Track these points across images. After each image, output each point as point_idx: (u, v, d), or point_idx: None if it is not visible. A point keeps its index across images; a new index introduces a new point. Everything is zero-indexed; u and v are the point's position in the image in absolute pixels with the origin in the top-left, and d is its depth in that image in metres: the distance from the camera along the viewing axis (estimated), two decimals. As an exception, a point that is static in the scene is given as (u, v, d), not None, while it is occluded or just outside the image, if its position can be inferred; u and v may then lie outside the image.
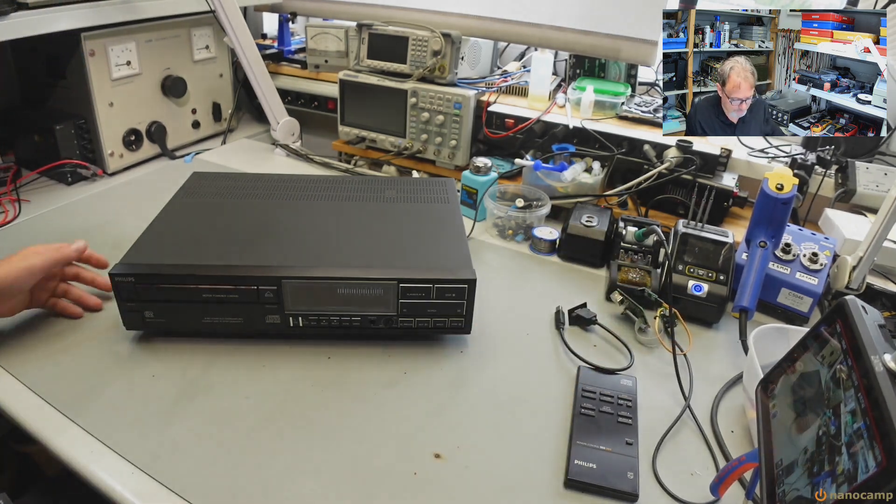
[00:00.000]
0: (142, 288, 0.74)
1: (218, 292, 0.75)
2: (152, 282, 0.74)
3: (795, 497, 0.42)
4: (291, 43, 1.64)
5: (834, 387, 0.43)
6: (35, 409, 0.68)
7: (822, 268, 0.90)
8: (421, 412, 0.71)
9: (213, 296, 0.75)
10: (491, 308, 0.89)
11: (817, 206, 1.10)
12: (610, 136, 1.18)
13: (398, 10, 1.47)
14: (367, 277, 0.76)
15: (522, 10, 1.35)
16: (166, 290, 0.75)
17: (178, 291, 0.75)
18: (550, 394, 0.75)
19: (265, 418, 0.69)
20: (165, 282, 0.74)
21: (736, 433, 0.71)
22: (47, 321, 0.82)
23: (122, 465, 0.62)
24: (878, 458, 0.35)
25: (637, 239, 0.96)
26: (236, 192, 0.96)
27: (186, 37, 1.36)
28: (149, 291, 0.75)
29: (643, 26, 1.23)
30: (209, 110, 1.49)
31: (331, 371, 0.76)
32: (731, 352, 0.85)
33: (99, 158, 1.25)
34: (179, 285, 0.74)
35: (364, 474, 0.63)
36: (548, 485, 0.63)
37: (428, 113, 1.28)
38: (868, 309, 0.44)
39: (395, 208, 0.93)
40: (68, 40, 1.13)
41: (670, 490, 0.63)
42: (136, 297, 0.75)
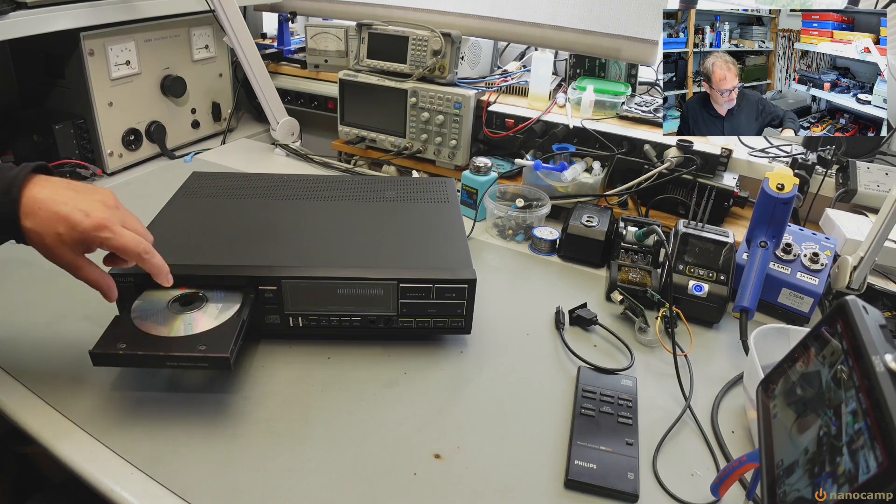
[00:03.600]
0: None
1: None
2: (152, 282, 0.74)
3: (796, 497, 0.42)
4: (291, 42, 1.64)
5: (835, 387, 0.43)
6: (34, 409, 0.68)
7: (823, 268, 0.90)
8: (421, 412, 0.71)
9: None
10: (491, 308, 0.89)
11: (818, 206, 1.10)
12: (610, 135, 1.18)
13: (398, 9, 1.47)
14: (367, 277, 0.75)
15: (522, 9, 1.35)
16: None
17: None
18: (550, 394, 0.75)
19: (265, 418, 0.68)
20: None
21: (736, 433, 0.71)
22: (47, 321, 0.82)
23: (123, 466, 0.62)
24: (879, 458, 0.35)
25: (637, 239, 0.96)
26: (236, 192, 0.96)
27: (186, 36, 1.36)
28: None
29: (643, 26, 1.23)
30: (209, 110, 1.49)
31: (331, 371, 0.76)
32: (731, 352, 0.85)
33: (98, 158, 1.25)
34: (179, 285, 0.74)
35: (364, 474, 0.63)
36: (548, 485, 0.63)
37: (428, 113, 1.28)
38: (869, 309, 0.43)
39: (395, 208, 0.93)
40: (67, 40, 1.13)
41: (671, 490, 0.63)
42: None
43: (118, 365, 0.67)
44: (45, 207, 0.60)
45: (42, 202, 0.60)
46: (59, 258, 0.62)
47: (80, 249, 0.63)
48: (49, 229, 0.60)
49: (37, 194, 0.61)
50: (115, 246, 0.63)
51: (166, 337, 0.67)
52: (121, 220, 0.64)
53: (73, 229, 0.60)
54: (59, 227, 0.60)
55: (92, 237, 0.61)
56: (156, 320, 0.69)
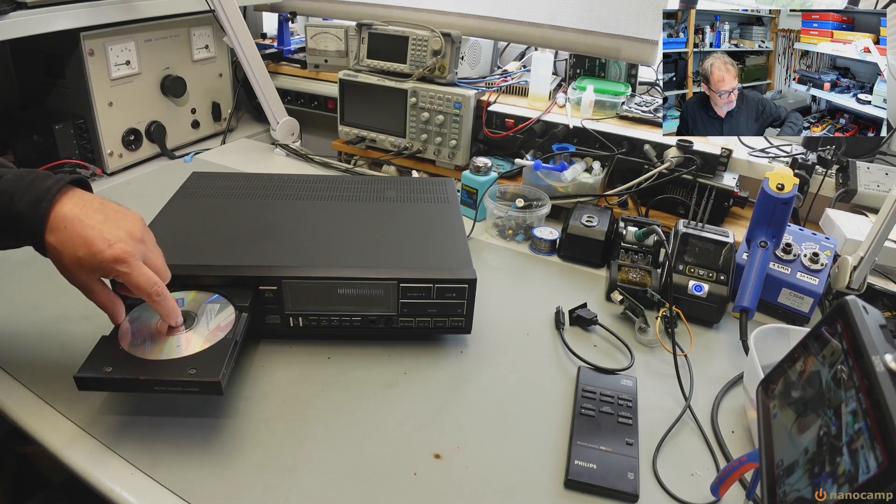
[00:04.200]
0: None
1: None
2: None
3: (796, 497, 0.42)
4: (291, 42, 1.64)
5: (835, 387, 0.43)
6: (34, 409, 0.68)
7: (823, 268, 0.90)
8: (421, 412, 0.71)
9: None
10: (491, 308, 0.89)
11: (818, 206, 1.10)
12: (610, 135, 1.18)
13: (398, 9, 1.47)
14: (367, 277, 0.75)
15: (522, 9, 1.35)
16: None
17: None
18: (550, 394, 0.75)
19: (265, 418, 0.68)
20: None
21: (736, 433, 0.71)
22: (47, 321, 0.82)
23: (123, 466, 0.62)
24: (879, 458, 0.35)
25: (637, 239, 0.96)
26: (236, 192, 0.96)
27: (186, 36, 1.36)
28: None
29: (643, 26, 1.23)
30: (209, 110, 1.49)
31: (331, 371, 0.76)
32: (731, 352, 0.85)
33: (98, 158, 1.25)
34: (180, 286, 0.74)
35: (364, 474, 0.63)
36: (548, 485, 0.63)
37: (428, 113, 1.28)
38: (869, 309, 0.43)
39: (395, 208, 0.93)
40: (67, 40, 1.13)
41: (671, 490, 0.63)
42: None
43: (104, 390, 0.64)
44: (71, 227, 0.59)
45: (69, 221, 0.60)
46: (74, 279, 0.62)
47: (96, 275, 0.62)
48: (70, 250, 0.59)
49: (66, 212, 0.60)
50: (130, 282, 0.62)
51: (155, 360, 0.63)
52: (143, 255, 0.63)
53: (93, 257, 0.59)
54: (80, 251, 0.59)
55: (109, 268, 0.60)
56: (145, 341, 0.66)
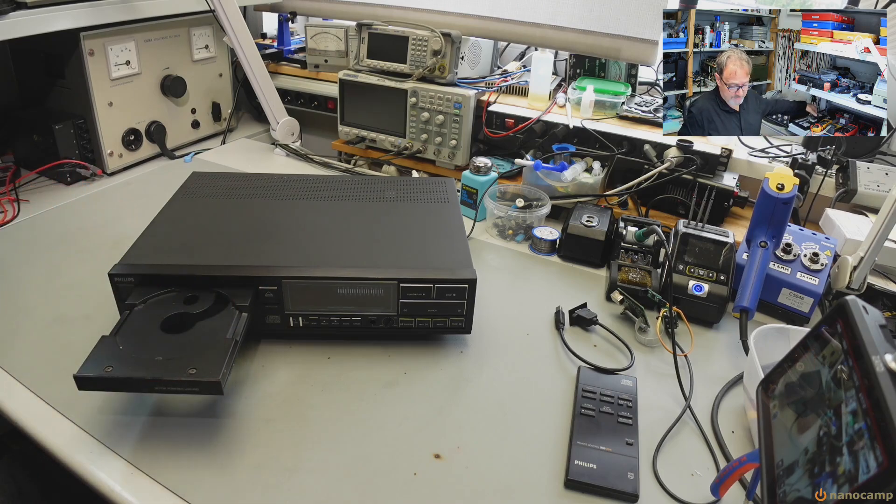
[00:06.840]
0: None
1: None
2: (152, 282, 0.74)
3: (796, 497, 0.42)
4: (291, 42, 1.64)
5: (835, 387, 0.43)
6: (34, 409, 0.68)
7: (823, 268, 0.90)
8: (421, 412, 0.71)
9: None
10: (491, 308, 0.89)
11: (818, 206, 1.10)
12: (610, 135, 1.18)
13: (398, 9, 1.47)
14: (367, 277, 0.75)
15: (522, 9, 1.35)
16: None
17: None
18: (550, 394, 0.75)
19: (265, 418, 0.68)
20: (165, 282, 0.74)
21: (736, 433, 0.71)
22: (47, 321, 0.82)
23: (123, 466, 0.62)
24: (879, 458, 0.35)
25: (637, 239, 0.96)
26: (236, 192, 0.96)
27: (186, 36, 1.36)
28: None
29: (643, 26, 1.23)
30: (209, 110, 1.49)
31: (331, 371, 0.76)
32: (731, 352, 0.85)
33: (98, 158, 1.25)
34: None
35: (364, 474, 0.63)
36: (548, 485, 0.63)
37: (428, 113, 1.28)
38: (869, 309, 0.43)
39: (395, 208, 0.93)
40: (67, 40, 1.13)
41: (671, 490, 0.63)
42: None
43: (105, 389, 0.64)
44: None
45: None
46: None
47: None
48: None
49: None
50: None
51: (155, 360, 0.64)
52: None
53: None
54: None
55: None
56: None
